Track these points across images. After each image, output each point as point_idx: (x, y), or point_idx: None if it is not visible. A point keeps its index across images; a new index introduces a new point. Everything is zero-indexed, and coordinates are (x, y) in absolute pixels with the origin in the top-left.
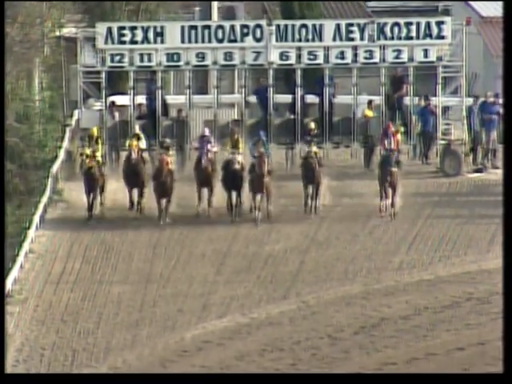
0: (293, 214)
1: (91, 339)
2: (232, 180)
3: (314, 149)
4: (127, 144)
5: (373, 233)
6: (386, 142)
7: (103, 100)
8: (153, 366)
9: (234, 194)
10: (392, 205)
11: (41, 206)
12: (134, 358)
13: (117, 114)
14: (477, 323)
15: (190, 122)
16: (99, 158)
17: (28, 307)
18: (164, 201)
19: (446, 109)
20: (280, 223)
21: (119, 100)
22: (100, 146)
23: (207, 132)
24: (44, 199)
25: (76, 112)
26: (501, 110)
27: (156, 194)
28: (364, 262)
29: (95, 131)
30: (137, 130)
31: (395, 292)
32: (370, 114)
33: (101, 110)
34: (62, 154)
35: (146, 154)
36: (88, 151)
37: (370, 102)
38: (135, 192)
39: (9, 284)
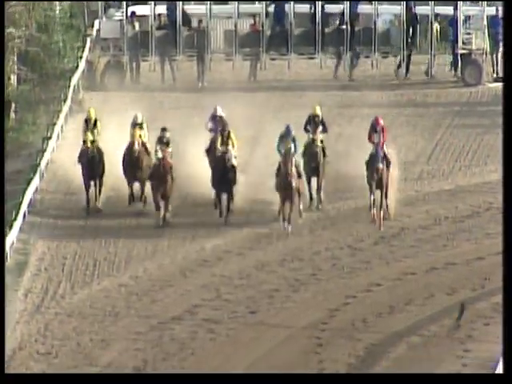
0: None
1: (112, 249)
2: (223, 179)
3: (320, 137)
4: (129, 133)
5: (392, 143)
6: (374, 138)
7: (124, 10)
8: (173, 276)
9: (224, 197)
10: (381, 207)
11: (61, 116)
12: (155, 267)
13: (137, 25)
14: (496, 232)
15: (210, 33)
16: (98, 144)
17: (48, 219)
18: (163, 202)
19: (466, 18)
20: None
21: (139, 10)
22: (99, 129)
23: (219, 111)
24: (65, 109)
25: (96, 22)
26: None
27: (155, 195)
28: None
29: (93, 113)
30: (139, 119)
31: (415, 202)
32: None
33: (121, 20)
34: (82, 64)
35: (149, 146)
36: (90, 136)
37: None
38: (135, 186)
39: (30, 195)
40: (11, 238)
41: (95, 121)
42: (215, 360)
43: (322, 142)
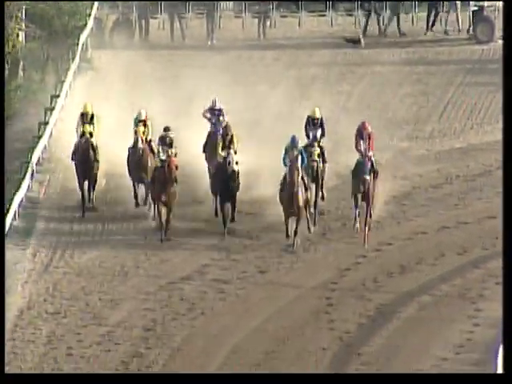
0: (324, 81)
1: (121, 208)
2: (225, 187)
3: (317, 152)
4: (133, 130)
5: (404, 101)
6: (361, 146)
7: None
8: (182, 235)
9: (226, 205)
10: (365, 222)
11: (70, 74)
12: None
13: None
14: None
15: None
16: (93, 141)
17: (57, 176)
18: (165, 211)
19: None
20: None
21: None
22: (96, 125)
23: (218, 104)
24: (73, 67)
25: None
26: None
27: (157, 203)
28: (395, 130)
29: (89, 108)
30: (142, 115)
31: (426, 161)
32: None
33: None
34: (90, 22)
35: (154, 144)
36: (89, 128)
37: None
38: (141, 186)
39: (38, 152)
40: (20, 196)
41: (92, 115)
42: (225, 319)
43: (321, 147)
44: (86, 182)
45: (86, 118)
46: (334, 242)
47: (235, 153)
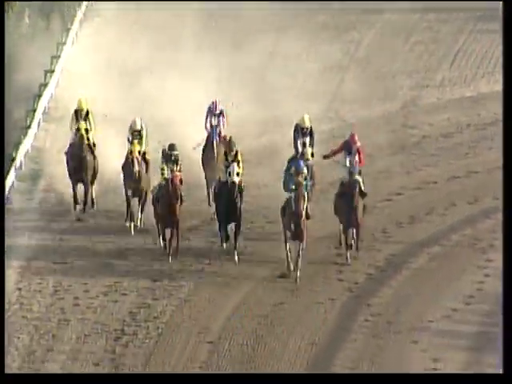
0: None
1: None
2: (227, 201)
3: (309, 151)
4: (127, 150)
5: (414, 50)
6: (347, 161)
7: None
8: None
9: (231, 228)
10: (351, 245)
11: (76, 21)
12: None
13: None
14: None
15: None
16: (90, 137)
17: (63, 124)
18: (169, 231)
19: None
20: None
21: None
22: (92, 122)
23: (218, 107)
24: (79, 14)
25: None
26: None
27: (160, 223)
28: (405, 79)
29: (84, 103)
30: (137, 125)
31: (436, 109)
32: None
33: None
34: None
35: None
36: (84, 125)
37: None
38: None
39: (45, 102)
40: (26, 146)
41: (87, 112)
42: (232, 270)
43: (312, 155)
44: (80, 185)
45: (81, 115)
46: None
47: (238, 175)
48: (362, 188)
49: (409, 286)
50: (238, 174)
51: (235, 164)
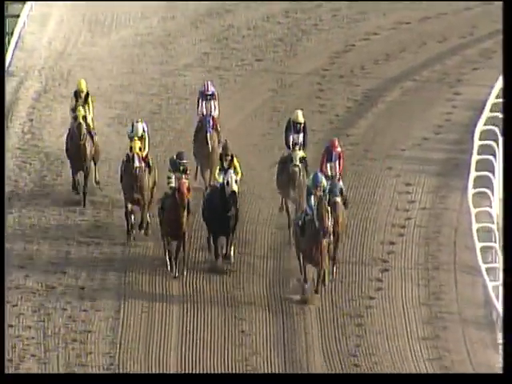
0: None
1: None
2: (221, 218)
3: (301, 153)
4: (129, 146)
5: None
6: (328, 168)
7: None
8: (185, 27)
9: (221, 240)
10: (333, 257)
11: None
12: (169, 18)
13: None
14: None
15: None
16: (90, 122)
17: None
18: (175, 243)
19: None
20: None
21: None
22: (91, 105)
23: (210, 88)
24: None
25: None
26: None
27: (166, 235)
28: None
29: (83, 85)
30: (139, 131)
31: None
32: None
33: None
34: None
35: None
36: (82, 111)
37: None
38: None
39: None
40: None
41: (87, 94)
42: (226, 103)
43: (304, 158)
44: (81, 173)
45: (80, 97)
46: (325, 32)
47: (236, 181)
48: (343, 191)
49: (383, 118)
50: (236, 182)
51: (232, 171)
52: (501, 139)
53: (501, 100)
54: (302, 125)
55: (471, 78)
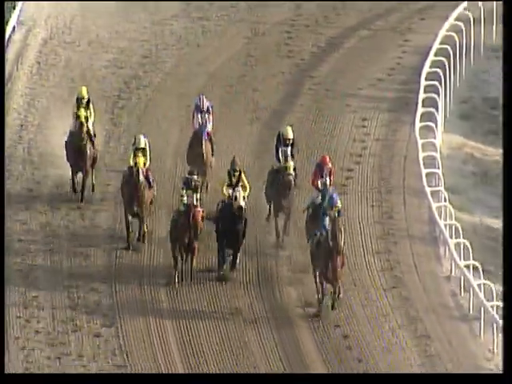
0: None
1: None
2: (229, 231)
3: (291, 164)
4: (131, 161)
5: None
6: (319, 184)
7: None
8: None
9: (228, 252)
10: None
11: None
12: None
13: None
14: None
15: None
16: (90, 127)
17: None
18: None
19: None
20: None
21: None
22: (92, 111)
23: (205, 103)
24: None
25: None
26: None
27: (176, 250)
28: None
29: (85, 92)
30: (141, 143)
31: None
32: None
33: None
34: None
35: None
36: (84, 113)
37: None
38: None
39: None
40: None
41: (88, 101)
42: (205, 51)
43: (294, 169)
44: (80, 174)
45: (82, 103)
46: None
47: (244, 198)
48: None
49: (343, 62)
50: (243, 198)
51: (240, 188)
52: (443, 80)
53: (444, 46)
54: (292, 140)
55: (419, 27)
